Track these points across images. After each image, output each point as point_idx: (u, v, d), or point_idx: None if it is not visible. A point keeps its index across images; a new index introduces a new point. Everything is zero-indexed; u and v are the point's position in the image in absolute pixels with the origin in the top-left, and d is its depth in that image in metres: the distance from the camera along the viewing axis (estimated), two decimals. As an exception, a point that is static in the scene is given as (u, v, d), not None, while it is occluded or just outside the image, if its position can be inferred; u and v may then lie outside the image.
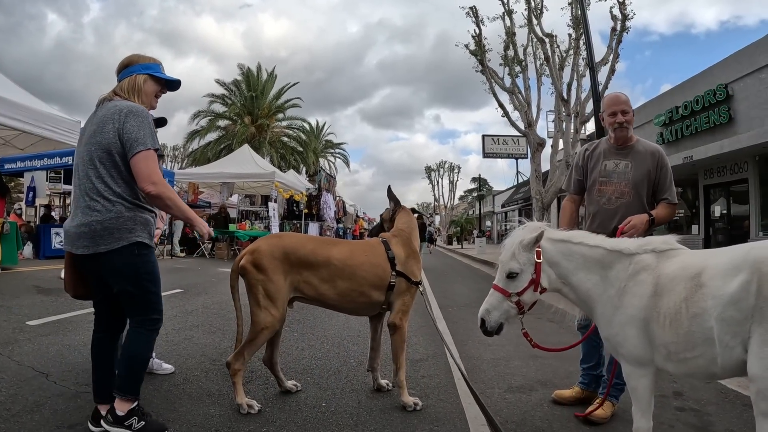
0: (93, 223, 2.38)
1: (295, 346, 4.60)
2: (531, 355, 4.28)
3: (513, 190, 40.25)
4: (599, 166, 3.24)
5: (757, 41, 12.88)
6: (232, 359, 2.94)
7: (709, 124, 14.04)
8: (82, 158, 2.47)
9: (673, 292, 2.04)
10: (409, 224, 3.46)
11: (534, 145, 15.29)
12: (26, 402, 2.96)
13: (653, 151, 3.16)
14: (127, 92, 2.55)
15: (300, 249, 3.01)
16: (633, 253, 2.24)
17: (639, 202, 3.09)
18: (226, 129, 33.67)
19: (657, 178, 3.12)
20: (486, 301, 2.42)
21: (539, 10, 14.94)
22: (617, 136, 3.19)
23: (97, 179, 2.40)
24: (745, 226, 13.78)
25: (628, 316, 2.15)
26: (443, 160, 79.97)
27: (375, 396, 3.33)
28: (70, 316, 5.48)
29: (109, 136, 2.39)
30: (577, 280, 2.35)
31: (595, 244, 2.36)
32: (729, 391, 3.56)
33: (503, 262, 2.40)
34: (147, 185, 2.37)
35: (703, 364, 1.96)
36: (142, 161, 2.36)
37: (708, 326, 1.90)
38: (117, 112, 2.41)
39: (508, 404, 3.29)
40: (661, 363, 2.10)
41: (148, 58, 2.68)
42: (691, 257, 2.16)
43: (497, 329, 2.40)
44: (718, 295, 1.88)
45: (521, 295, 2.35)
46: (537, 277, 2.34)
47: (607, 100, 3.23)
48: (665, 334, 2.03)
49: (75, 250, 2.44)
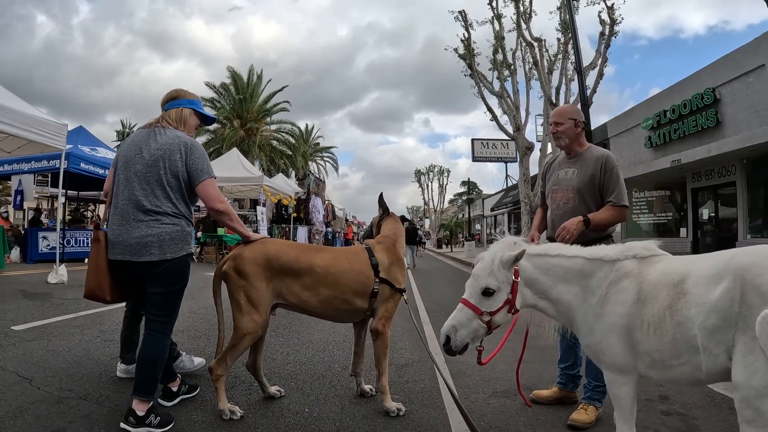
0: (162, 234, 2.74)
1: (280, 351, 4.58)
2: (516, 359, 4.26)
3: (502, 193, 40.31)
4: (554, 175, 3.39)
5: (744, 46, 12.98)
6: (215, 365, 2.92)
7: (697, 128, 14.14)
8: (143, 176, 2.78)
9: (656, 300, 2.03)
10: (395, 231, 3.47)
11: (522, 148, 15.36)
12: (9, 407, 2.94)
13: (599, 155, 3.21)
14: (174, 122, 2.96)
15: (283, 256, 3.00)
16: (614, 259, 2.22)
17: (584, 206, 3.15)
18: (216, 132, 33.55)
19: (602, 182, 3.14)
20: (453, 316, 2.29)
21: (528, 15, 15.02)
22: (559, 146, 3.37)
23: (165, 198, 2.78)
24: (733, 228, 13.86)
25: (610, 323, 2.13)
26: (433, 164, 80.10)
27: (358, 401, 3.32)
28: (55, 321, 5.45)
29: (178, 165, 2.79)
30: (557, 293, 2.31)
31: (573, 254, 2.33)
32: (716, 394, 3.59)
33: (479, 276, 2.29)
34: (216, 204, 2.88)
35: (688, 371, 1.95)
36: (209, 186, 2.85)
37: (692, 334, 1.89)
38: (182, 145, 2.82)
39: (492, 409, 3.29)
40: (645, 370, 2.09)
41: (191, 94, 3.14)
42: (674, 264, 2.15)
43: (462, 349, 2.29)
44: (701, 303, 1.87)
45: (494, 315, 2.26)
46: (513, 297, 2.27)
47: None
48: (649, 341, 2.02)
49: (139, 258, 2.72)
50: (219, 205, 2.89)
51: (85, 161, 11.31)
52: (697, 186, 15.36)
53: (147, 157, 2.78)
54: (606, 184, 3.12)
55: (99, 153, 12.28)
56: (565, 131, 3.28)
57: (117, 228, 2.78)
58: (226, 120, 33.43)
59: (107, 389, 3.34)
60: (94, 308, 6.30)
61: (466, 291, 2.33)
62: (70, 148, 10.21)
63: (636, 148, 16.73)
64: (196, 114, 3.09)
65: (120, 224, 2.77)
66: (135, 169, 2.79)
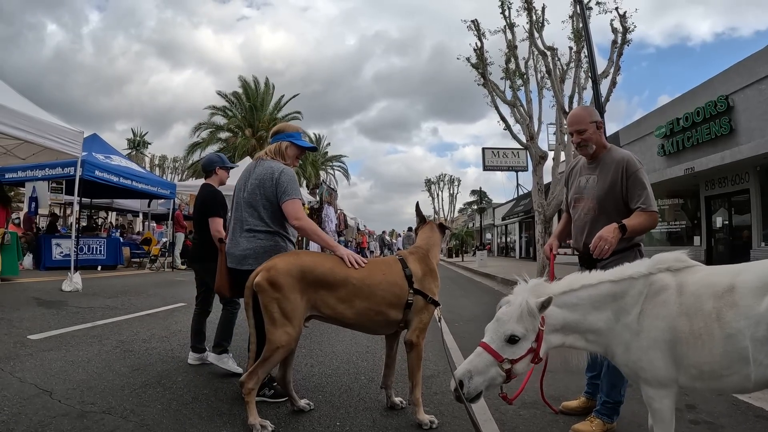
0: (257, 248, 3.29)
1: (304, 363, 4.53)
2: (541, 370, 4.22)
3: (513, 202, 40.25)
4: (576, 182, 3.27)
5: (757, 52, 12.93)
6: (246, 378, 2.86)
7: (710, 136, 14.06)
8: (246, 201, 3.37)
9: (701, 312, 2.01)
10: (428, 240, 3.43)
11: (536, 158, 15.26)
12: (30, 422, 2.87)
13: (619, 159, 3.05)
14: (273, 154, 3.47)
15: (318, 268, 2.96)
16: (645, 274, 2.18)
17: (605, 215, 3.01)
18: (227, 141, 33.62)
19: (625, 188, 2.99)
20: (470, 360, 2.17)
21: (541, 24, 14.99)
22: (585, 155, 3.22)
23: (261, 218, 3.32)
24: (745, 236, 13.78)
25: (652, 339, 2.08)
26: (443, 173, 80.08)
27: (389, 414, 3.27)
28: (72, 331, 5.42)
29: (270, 190, 3.29)
30: (588, 324, 2.21)
31: (598, 281, 2.25)
32: (741, 403, 3.57)
33: (505, 321, 2.16)
34: (293, 221, 3.28)
35: (737, 380, 1.96)
36: (290, 205, 3.26)
37: (743, 346, 1.90)
38: (273, 173, 3.30)
39: (523, 420, 3.24)
40: (688, 382, 2.07)
41: (292, 127, 3.66)
42: (713, 275, 2.13)
43: (474, 397, 2.16)
44: (752, 315, 1.89)
45: (515, 364, 2.13)
46: (538, 346, 2.15)
47: (567, 119, 3.20)
48: (697, 354, 1.99)
49: (241, 266, 3.29)
50: (294, 222, 3.28)
51: (100, 169, 11.37)
52: (710, 194, 15.26)
53: (249, 185, 3.38)
54: (630, 190, 2.96)
55: (113, 161, 12.35)
56: (590, 137, 3.10)
57: (229, 242, 3.45)
58: (238, 129, 33.49)
59: (131, 402, 3.28)
60: (111, 317, 6.29)
61: (486, 335, 2.21)
62: (85, 156, 10.25)
63: (649, 156, 16.64)
64: (294, 146, 3.52)
65: (231, 239, 3.44)
66: (241, 195, 3.41)
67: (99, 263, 13.60)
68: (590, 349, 2.29)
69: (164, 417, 3.07)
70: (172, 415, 3.11)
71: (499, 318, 2.20)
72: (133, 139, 49.43)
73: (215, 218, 4.28)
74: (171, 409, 3.21)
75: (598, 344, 2.24)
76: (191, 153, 34.55)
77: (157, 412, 3.12)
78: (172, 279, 11.89)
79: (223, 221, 4.30)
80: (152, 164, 47.14)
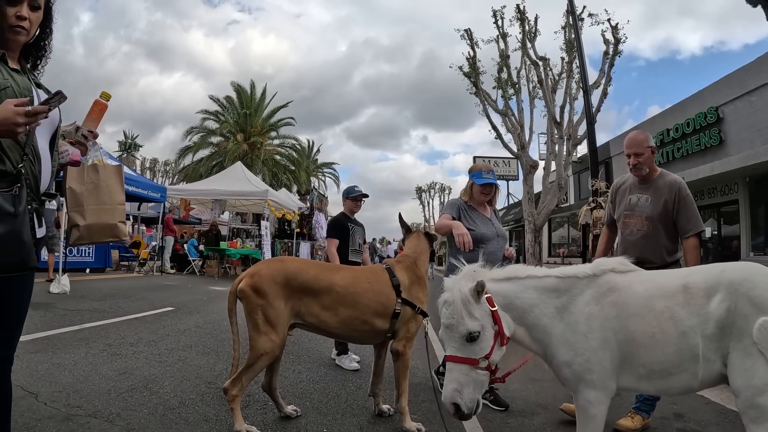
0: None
1: (292, 369, 4.52)
2: (530, 378, 4.28)
3: (504, 211, 40.33)
4: (625, 200, 3.48)
5: (747, 65, 13.12)
6: (230, 385, 2.82)
7: (700, 147, 14.22)
8: None
9: (653, 311, 2.07)
10: (416, 249, 3.43)
11: (527, 167, 15.37)
12: (15, 424, 2.81)
13: (672, 183, 3.33)
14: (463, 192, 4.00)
15: (302, 274, 2.94)
16: (590, 275, 2.21)
17: (657, 233, 3.29)
18: (219, 146, 33.54)
19: (677, 209, 3.26)
20: (449, 379, 2.07)
21: (533, 34, 15.13)
22: (638, 175, 3.44)
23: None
24: (734, 246, 13.91)
25: (602, 339, 2.08)
26: (433, 181, 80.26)
27: (377, 421, 3.26)
28: (59, 333, 5.35)
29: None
30: (534, 318, 2.18)
31: (544, 274, 2.25)
32: (728, 411, 3.61)
33: (453, 326, 2.08)
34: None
35: (685, 379, 2.04)
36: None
37: (695, 343, 1.99)
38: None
39: (511, 429, 3.25)
40: (633, 383, 2.12)
41: (476, 167, 4.01)
42: (660, 277, 2.26)
43: (476, 409, 2.08)
44: (702, 313, 1.99)
45: (489, 357, 2.07)
46: (500, 327, 2.09)
47: (625, 141, 3.44)
48: (650, 353, 2.05)
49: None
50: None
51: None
52: (699, 204, 15.10)
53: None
54: (681, 211, 3.25)
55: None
56: (645, 161, 3.37)
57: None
58: (230, 134, 33.39)
59: (117, 406, 3.25)
60: (99, 320, 6.23)
61: (446, 346, 2.14)
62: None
63: (639, 166, 16.75)
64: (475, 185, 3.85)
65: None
66: None
67: (87, 266, 13.47)
68: (533, 349, 2.25)
69: (150, 421, 3.04)
70: (158, 420, 3.08)
71: (447, 324, 2.11)
72: (125, 141, 49.09)
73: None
74: (157, 414, 3.18)
75: (541, 344, 2.20)
76: (182, 157, 34.42)
77: (143, 417, 3.09)
78: (161, 283, 11.82)
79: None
80: (143, 167, 46.82)
